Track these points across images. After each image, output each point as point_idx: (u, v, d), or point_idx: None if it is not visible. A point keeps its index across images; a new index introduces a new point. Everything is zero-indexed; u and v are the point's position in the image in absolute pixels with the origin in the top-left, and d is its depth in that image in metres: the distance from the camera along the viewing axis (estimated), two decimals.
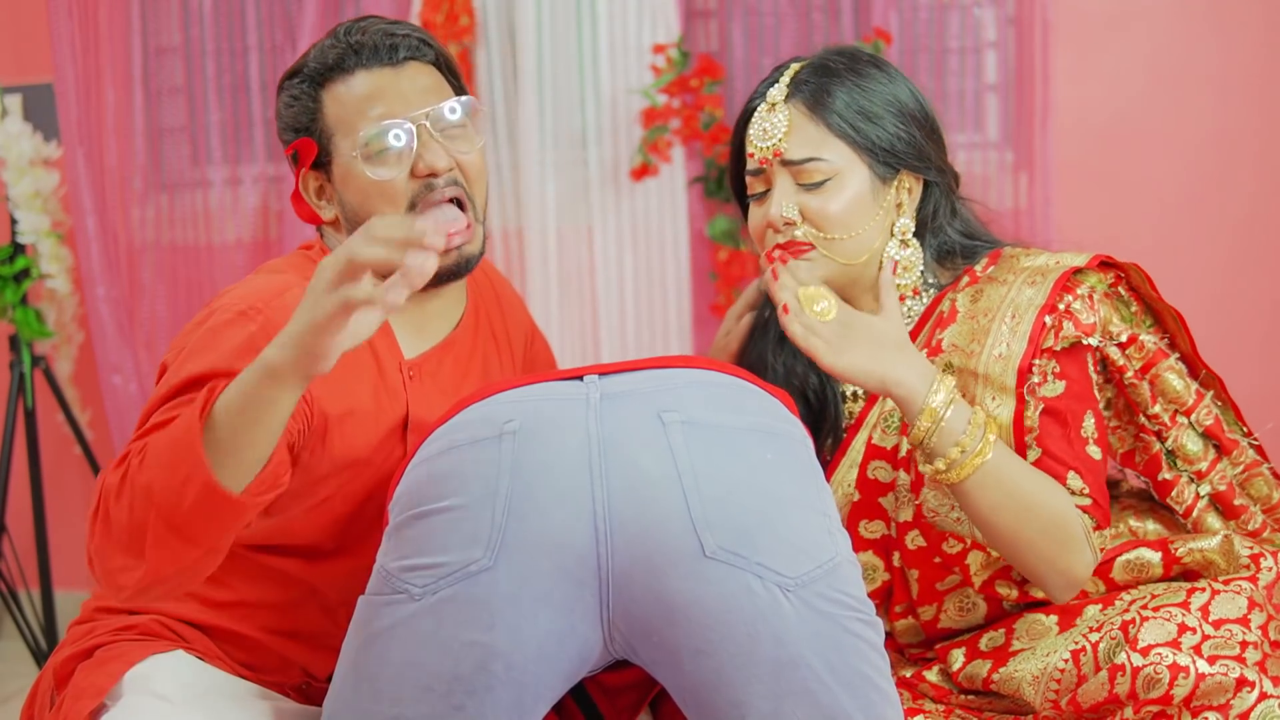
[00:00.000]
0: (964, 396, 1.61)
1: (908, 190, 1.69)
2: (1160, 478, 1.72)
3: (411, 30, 1.67)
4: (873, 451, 1.70)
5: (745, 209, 1.79)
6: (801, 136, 1.65)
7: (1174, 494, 1.71)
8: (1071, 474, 1.61)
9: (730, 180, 1.80)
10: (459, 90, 1.71)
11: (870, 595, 1.68)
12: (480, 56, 3.19)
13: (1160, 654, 1.49)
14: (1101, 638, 1.54)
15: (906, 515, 1.67)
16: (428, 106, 1.63)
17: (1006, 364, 1.61)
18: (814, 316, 1.58)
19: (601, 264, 3.17)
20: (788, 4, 3.14)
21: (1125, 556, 1.66)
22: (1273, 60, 3.02)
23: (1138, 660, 1.49)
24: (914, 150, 1.67)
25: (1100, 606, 1.62)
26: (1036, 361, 1.61)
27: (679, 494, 1.31)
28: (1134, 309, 1.69)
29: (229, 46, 3.37)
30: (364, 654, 1.38)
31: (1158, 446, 1.71)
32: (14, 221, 3.27)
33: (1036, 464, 1.60)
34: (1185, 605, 1.55)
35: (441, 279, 1.66)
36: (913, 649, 1.73)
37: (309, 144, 1.66)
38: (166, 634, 1.64)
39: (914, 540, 1.67)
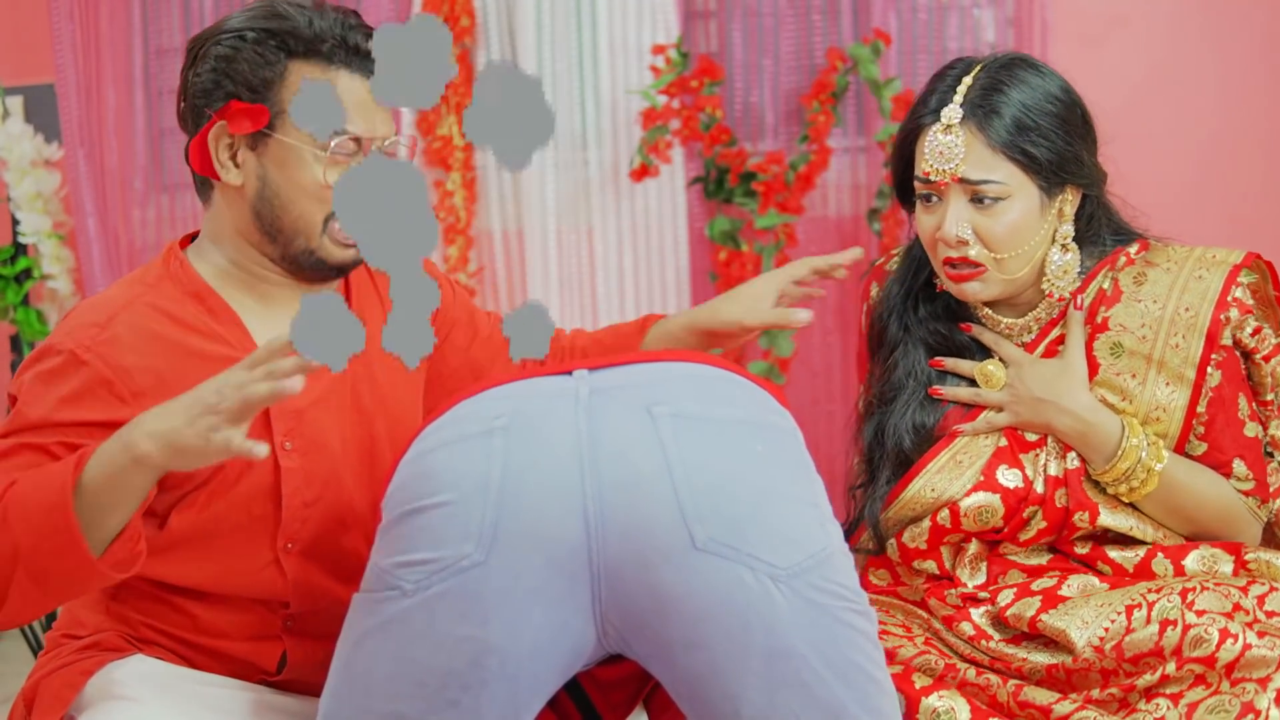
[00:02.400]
0: (1133, 378, 1.73)
1: (1069, 201, 1.76)
2: None
3: None
4: None
5: (903, 203, 1.86)
6: (976, 158, 1.70)
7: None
8: (1236, 461, 1.74)
9: (893, 182, 1.85)
10: None
11: (974, 534, 1.75)
12: (480, 57, 3.20)
13: (1213, 618, 1.55)
14: (1159, 599, 1.59)
15: (1055, 470, 1.74)
16: (387, 134, 1.63)
17: (1185, 356, 1.72)
18: (990, 393, 1.77)
19: (601, 265, 3.17)
20: (787, 5, 3.14)
21: (1201, 551, 1.72)
22: (1271, 60, 3.03)
23: (1190, 618, 1.55)
24: (1078, 165, 1.74)
25: (1155, 583, 1.68)
26: (1214, 355, 1.72)
27: (669, 487, 1.31)
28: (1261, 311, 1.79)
29: None
30: (358, 651, 1.38)
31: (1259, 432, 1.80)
32: (15, 222, 3.28)
33: (1203, 456, 1.74)
34: (1244, 590, 1.61)
35: (331, 275, 1.66)
36: (964, 590, 1.76)
37: (263, 111, 1.59)
38: (127, 646, 1.64)
39: (1060, 498, 1.73)
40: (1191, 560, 1.71)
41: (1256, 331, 1.74)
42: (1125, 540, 1.74)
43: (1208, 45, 3.04)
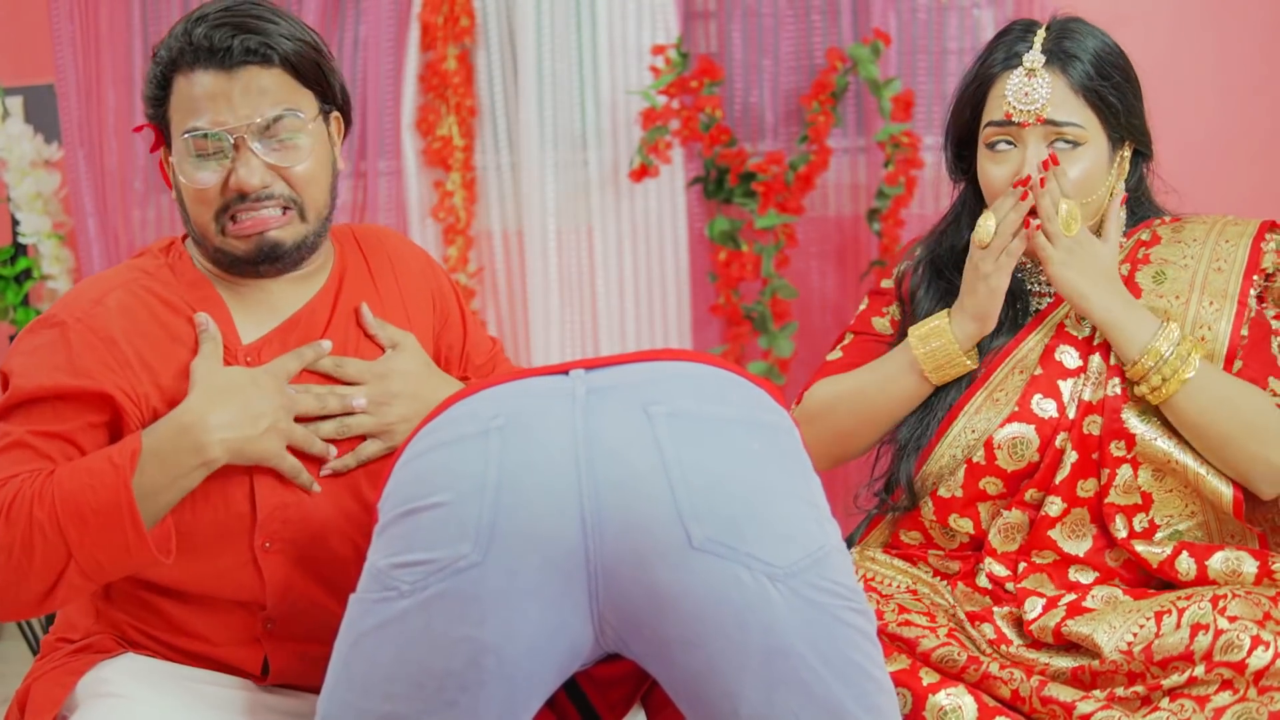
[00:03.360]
0: (1177, 299, 1.76)
1: (1126, 158, 1.82)
2: None
3: (258, 27, 1.61)
4: (1063, 336, 1.80)
5: (954, 166, 1.90)
6: (1060, 99, 1.75)
7: None
8: (1272, 379, 1.74)
9: (950, 140, 1.89)
10: (321, 86, 1.68)
11: (1009, 475, 1.76)
12: (480, 58, 3.19)
13: (1245, 625, 1.55)
14: (1190, 605, 1.59)
15: (1091, 396, 1.74)
16: (255, 116, 1.61)
17: (1228, 275, 1.76)
18: (1063, 232, 1.72)
19: (601, 265, 3.17)
20: (786, 5, 3.14)
21: (1226, 554, 1.71)
22: (1271, 59, 3.02)
23: (1223, 624, 1.55)
24: (1140, 120, 1.81)
25: (1184, 591, 1.67)
26: (1255, 276, 1.76)
27: (665, 486, 1.31)
28: None
29: None
30: (355, 652, 1.38)
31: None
32: (15, 223, 3.29)
33: (1239, 374, 1.73)
34: (1275, 600, 1.62)
35: (251, 263, 1.66)
36: (994, 566, 1.76)
37: (152, 129, 1.68)
38: (117, 647, 1.66)
39: (1090, 425, 1.73)
40: (1216, 561, 1.70)
41: None
42: (1151, 534, 1.73)
43: (1208, 45, 3.03)
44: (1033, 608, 1.70)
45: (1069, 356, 1.77)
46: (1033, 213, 1.74)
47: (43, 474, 1.51)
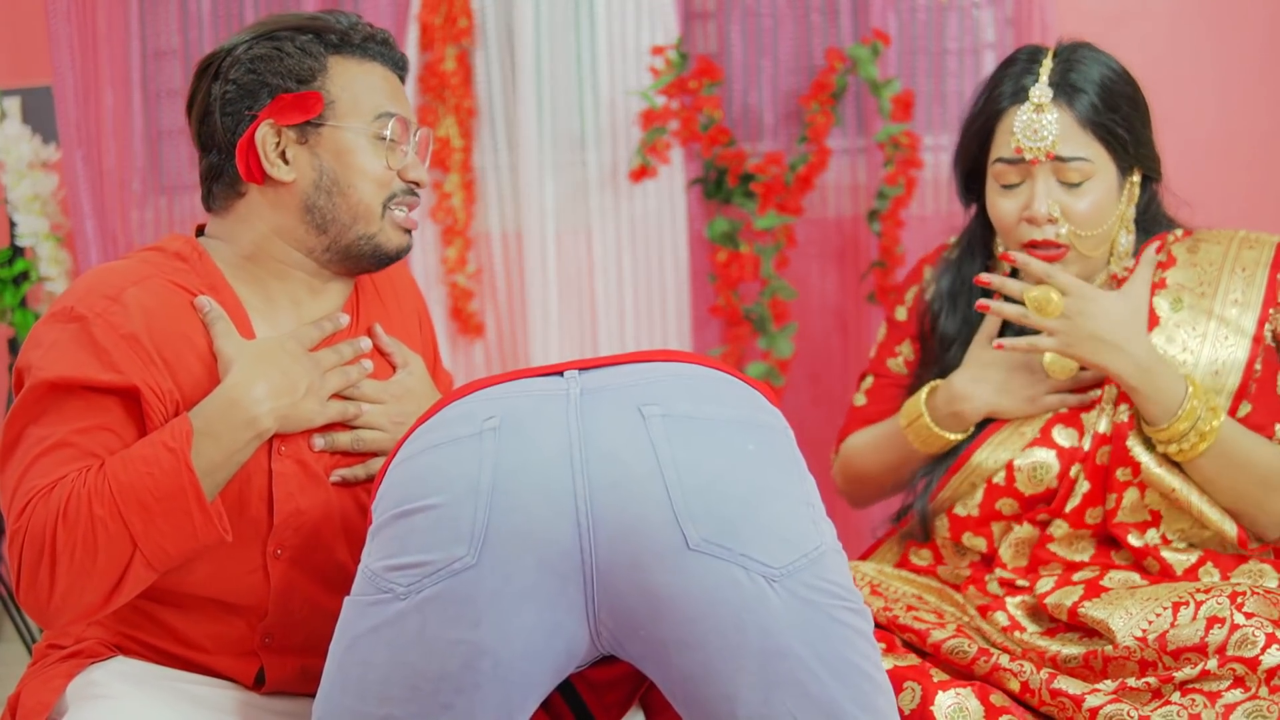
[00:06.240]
0: (1194, 330, 1.77)
1: (1135, 184, 1.83)
2: None
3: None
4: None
5: (965, 194, 1.92)
6: (1069, 136, 1.76)
7: None
8: (1278, 425, 1.78)
9: (959, 172, 1.90)
10: None
11: (1026, 498, 1.78)
12: (479, 58, 3.19)
13: (1261, 622, 1.55)
14: (1208, 599, 1.59)
15: (1104, 427, 1.76)
16: (415, 123, 1.72)
17: (1244, 310, 1.78)
18: (1043, 319, 1.75)
19: (600, 266, 3.16)
20: (786, 5, 3.13)
21: (1248, 566, 1.74)
22: (1271, 59, 3.02)
23: (1239, 619, 1.55)
24: (1148, 147, 1.82)
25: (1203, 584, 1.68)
26: (1272, 310, 1.77)
27: (661, 488, 1.31)
28: None
29: None
30: (350, 654, 1.38)
31: None
32: (13, 224, 3.28)
33: (1247, 418, 1.76)
34: None
35: (386, 258, 1.71)
36: (1004, 574, 1.78)
37: (316, 98, 1.64)
38: (107, 652, 1.66)
39: (1101, 455, 1.76)
40: (1238, 574, 1.72)
41: None
42: (1167, 544, 1.74)
43: (1208, 45, 3.03)
44: (1044, 584, 1.72)
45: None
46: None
47: (92, 470, 1.50)
